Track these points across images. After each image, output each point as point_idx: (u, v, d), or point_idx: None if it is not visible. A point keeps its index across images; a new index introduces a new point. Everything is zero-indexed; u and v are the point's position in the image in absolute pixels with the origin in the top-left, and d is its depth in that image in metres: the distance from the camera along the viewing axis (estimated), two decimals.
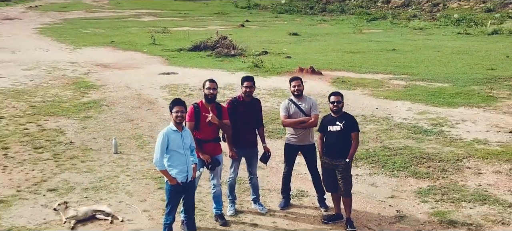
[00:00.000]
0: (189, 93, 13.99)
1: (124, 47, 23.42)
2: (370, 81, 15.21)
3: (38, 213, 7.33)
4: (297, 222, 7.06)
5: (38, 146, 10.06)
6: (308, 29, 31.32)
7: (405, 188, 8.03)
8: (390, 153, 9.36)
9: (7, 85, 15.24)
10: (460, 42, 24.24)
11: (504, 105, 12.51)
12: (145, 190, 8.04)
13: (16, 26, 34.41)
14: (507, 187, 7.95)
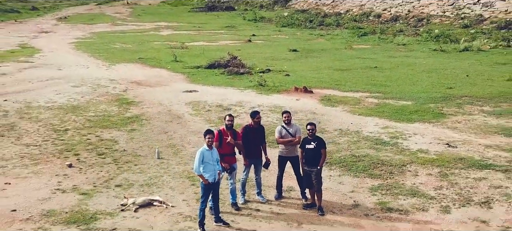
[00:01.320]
0: (208, 109, 16.84)
1: (151, 64, 26.05)
2: (350, 99, 17.94)
3: (111, 201, 10.23)
4: (286, 208, 9.96)
5: (100, 152, 12.96)
6: (306, 44, 33.63)
7: (362, 185, 10.89)
8: (356, 159, 12.20)
9: (64, 101, 18.10)
10: (433, 60, 26.66)
11: (449, 121, 15.27)
12: (182, 186, 10.93)
13: (53, 40, 37.14)
14: (433, 185, 10.79)
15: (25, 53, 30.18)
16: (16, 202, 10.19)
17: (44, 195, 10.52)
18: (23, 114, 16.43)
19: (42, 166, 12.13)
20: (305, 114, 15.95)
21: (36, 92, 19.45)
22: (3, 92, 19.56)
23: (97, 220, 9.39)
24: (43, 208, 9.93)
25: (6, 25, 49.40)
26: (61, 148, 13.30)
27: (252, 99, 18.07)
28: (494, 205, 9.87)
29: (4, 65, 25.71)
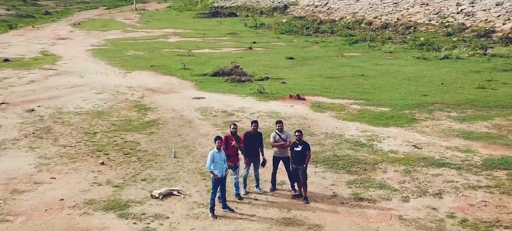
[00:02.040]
0: (214, 115, 18.91)
1: (162, 71, 28.05)
2: (337, 106, 20.00)
3: (139, 192, 12.32)
4: (279, 198, 12.05)
5: (126, 152, 15.07)
6: (302, 52, 35.49)
7: (341, 180, 12.98)
8: (337, 158, 14.29)
9: (90, 107, 20.20)
10: (414, 68, 28.58)
11: (419, 126, 17.36)
12: (195, 180, 13.01)
13: (71, 47, 39.09)
14: (397, 180, 12.88)
15: (48, 60, 32.16)
16: (63, 193, 12.30)
17: (84, 187, 12.63)
18: (56, 119, 18.53)
19: (79, 163, 14.25)
20: (297, 119, 18.05)
21: (64, 98, 21.54)
22: (36, 99, 21.67)
23: (129, 207, 11.50)
24: (85, 197, 12.04)
25: (25, 31, 51.34)
26: (93, 148, 15.42)
27: (252, 105, 20.15)
28: (445, 196, 11.96)
29: (31, 72, 27.78)
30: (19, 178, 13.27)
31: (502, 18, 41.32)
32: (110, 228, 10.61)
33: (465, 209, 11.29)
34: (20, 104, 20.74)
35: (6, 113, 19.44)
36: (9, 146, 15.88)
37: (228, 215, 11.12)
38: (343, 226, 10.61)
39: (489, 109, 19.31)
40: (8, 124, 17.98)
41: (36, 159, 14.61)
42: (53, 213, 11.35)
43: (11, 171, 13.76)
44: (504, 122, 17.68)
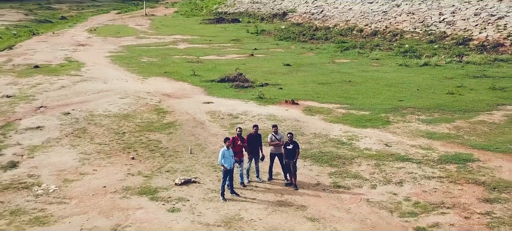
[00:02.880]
0: (222, 117, 21.54)
1: (175, 78, 30.51)
2: (325, 110, 22.63)
3: (165, 181, 14.98)
4: (274, 186, 14.71)
5: (151, 149, 17.74)
6: (298, 59, 37.89)
7: (324, 172, 15.64)
8: (322, 154, 16.96)
9: (117, 110, 22.85)
10: (396, 75, 31.07)
11: (392, 127, 19.99)
12: (208, 172, 15.66)
13: (91, 53, 41.51)
14: (368, 172, 15.52)
15: (73, 67, 34.72)
16: (104, 182, 14.98)
17: (121, 177, 15.32)
18: (90, 121, 21.21)
19: (113, 158, 16.94)
20: (291, 121, 20.71)
21: (93, 103, 24.20)
22: (69, 103, 24.33)
23: (158, 192, 14.18)
24: (122, 185, 14.72)
25: (46, 37, 53.82)
26: (123, 146, 18.11)
27: (254, 109, 22.79)
28: (404, 184, 14.62)
29: (60, 78, 30.42)
30: (67, 170, 15.96)
31: (479, 28, 43.76)
32: (145, 208, 13.29)
33: (419, 194, 13.96)
34: (56, 108, 23.40)
35: (46, 116, 22.12)
36: (53, 143, 18.58)
37: (235, 199, 13.78)
38: (323, 207, 13.28)
39: (453, 113, 21.93)
40: (50, 125, 20.66)
41: (78, 155, 17.30)
42: (99, 197, 14.04)
43: (60, 164, 16.46)
44: (464, 124, 20.32)
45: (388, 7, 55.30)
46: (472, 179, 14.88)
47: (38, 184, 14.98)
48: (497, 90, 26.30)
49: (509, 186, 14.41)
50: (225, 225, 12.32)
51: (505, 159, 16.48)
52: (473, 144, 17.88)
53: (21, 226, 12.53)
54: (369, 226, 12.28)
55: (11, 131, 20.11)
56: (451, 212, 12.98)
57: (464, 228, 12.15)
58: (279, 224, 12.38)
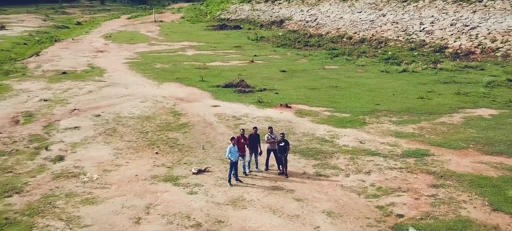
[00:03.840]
0: (227, 119, 24.63)
1: (186, 83, 33.48)
2: (313, 112, 25.72)
3: (183, 171, 18.07)
4: (270, 174, 17.81)
5: (171, 145, 20.80)
6: (292, 65, 40.79)
7: (309, 164, 18.71)
8: (309, 150, 20.02)
9: (139, 113, 25.90)
10: (377, 80, 34.12)
11: (367, 127, 23.05)
12: (217, 164, 18.73)
13: (110, 60, 44.38)
14: (344, 164, 18.58)
15: (96, 73, 37.75)
16: (136, 171, 18.07)
17: (148, 168, 18.41)
18: (118, 122, 24.28)
19: (141, 153, 20.02)
20: (284, 122, 23.79)
21: (119, 106, 27.26)
22: (97, 106, 27.39)
23: (179, 179, 17.28)
24: (150, 174, 17.81)
25: (67, 44, 56.75)
26: (148, 143, 21.19)
27: (254, 112, 25.86)
28: (371, 174, 17.71)
29: (86, 84, 33.48)
30: (105, 162, 19.06)
31: (454, 37, 46.72)
32: (169, 191, 16.39)
33: (382, 181, 17.06)
34: (87, 111, 26.48)
35: (80, 117, 25.20)
36: (90, 141, 21.67)
37: (239, 184, 16.87)
38: (307, 190, 16.38)
39: (420, 115, 25.00)
40: (85, 126, 23.76)
41: (112, 150, 20.40)
42: (133, 183, 17.14)
43: (98, 158, 19.56)
44: (427, 125, 23.41)
45: (375, 17, 58.21)
46: (425, 170, 17.99)
47: (83, 173, 18.08)
48: (461, 95, 29.33)
49: (453, 175, 17.51)
50: (232, 204, 15.42)
51: (455, 154, 19.57)
52: (431, 142, 20.98)
53: (76, 205, 15.62)
54: (340, 205, 15.38)
55: (53, 130, 23.19)
56: (405, 195, 16.08)
57: (412, 206, 15.25)
58: (273, 203, 15.48)
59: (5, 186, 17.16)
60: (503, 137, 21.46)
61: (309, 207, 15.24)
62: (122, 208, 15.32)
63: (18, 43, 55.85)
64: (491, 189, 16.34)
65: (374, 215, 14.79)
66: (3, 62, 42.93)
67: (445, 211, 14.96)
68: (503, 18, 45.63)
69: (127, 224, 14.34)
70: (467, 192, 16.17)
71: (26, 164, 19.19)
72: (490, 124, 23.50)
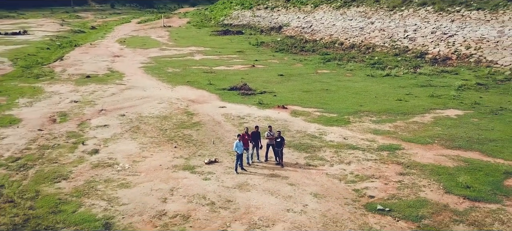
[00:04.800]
0: (233, 118, 27.57)
1: (196, 86, 36.47)
2: (306, 113, 28.68)
3: (198, 161, 21.04)
4: (269, 164, 20.77)
5: (186, 140, 23.77)
6: (289, 69, 43.77)
7: (301, 156, 21.67)
8: (301, 144, 22.98)
9: (157, 113, 28.84)
10: (362, 84, 37.08)
11: (350, 126, 25.98)
12: (226, 156, 21.67)
13: (127, 64, 47.28)
14: (330, 156, 21.55)
15: (116, 77, 40.66)
16: (160, 162, 21.03)
17: (169, 159, 21.38)
18: (140, 121, 27.24)
19: (162, 147, 22.98)
20: (281, 121, 26.74)
21: (139, 107, 30.19)
22: (121, 107, 30.31)
23: (195, 168, 20.25)
24: (172, 164, 20.78)
25: (86, 49, 59.61)
26: (167, 138, 24.15)
27: (255, 112, 28.80)
28: (351, 164, 20.66)
29: (109, 87, 36.40)
30: (133, 154, 22.02)
31: (434, 44, 49.61)
32: (188, 178, 19.36)
33: (359, 170, 20.03)
34: (113, 111, 29.42)
35: (108, 117, 28.14)
36: (119, 137, 24.61)
37: (244, 172, 19.84)
38: (298, 177, 19.34)
39: (396, 115, 27.95)
40: (113, 124, 26.71)
41: (138, 144, 23.36)
42: (158, 171, 20.11)
43: (127, 151, 22.51)
44: (401, 124, 26.36)
45: (364, 24, 61.05)
46: (395, 161, 20.96)
47: (116, 163, 21.05)
48: (434, 97, 32.26)
49: (417, 165, 20.48)
50: (238, 188, 18.40)
51: (421, 148, 22.54)
52: (403, 138, 23.94)
53: (113, 188, 18.59)
54: (325, 188, 18.36)
55: (86, 128, 26.16)
56: (377, 181, 19.06)
57: (382, 190, 18.24)
58: (271, 187, 18.46)
59: (53, 174, 20.11)
60: (463, 134, 24.44)
61: (300, 190, 18.22)
62: (151, 190, 18.29)
63: (41, 48, 58.73)
64: (446, 176, 19.32)
65: (351, 196, 17.77)
66: (32, 67, 45.85)
67: (408, 194, 17.93)
68: (478, 27, 48.47)
69: (156, 203, 17.33)
70: (427, 179, 19.15)
71: (67, 156, 22.13)
72: (454, 123, 26.46)
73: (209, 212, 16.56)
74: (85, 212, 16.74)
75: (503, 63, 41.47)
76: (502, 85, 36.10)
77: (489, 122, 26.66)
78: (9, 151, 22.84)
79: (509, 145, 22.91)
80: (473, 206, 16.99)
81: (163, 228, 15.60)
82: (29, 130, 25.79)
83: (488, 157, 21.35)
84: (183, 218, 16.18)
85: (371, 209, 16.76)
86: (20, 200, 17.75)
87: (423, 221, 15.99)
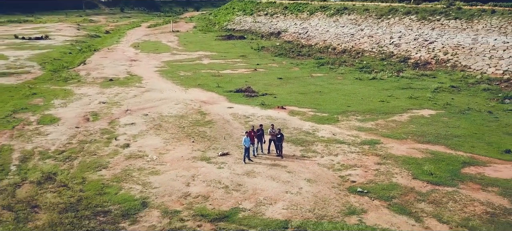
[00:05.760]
0: (239, 117, 30.77)
1: (206, 88, 39.62)
2: (302, 112, 31.87)
3: (213, 153, 24.24)
4: (271, 156, 23.97)
5: (202, 136, 27.00)
6: (287, 73, 46.86)
7: (297, 149, 24.86)
8: (297, 139, 26.19)
9: (175, 112, 32.03)
10: (351, 87, 40.26)
11: (339, 124, 29.17)
12: (235, 149, 24.89)
13: (143, 68, 50.27)
14: (321, 149, 24.74)
15: (135, 80, 43.77)
16: (181, 154, 24.27)
17: (189, 151, 24.62)
18: (161, 119, 30.45)
19: (182, 142, 26.22)
20: (280, 120, 29.94)
21: (159, 107, 33.40)
22: (143, 107, 33.49)
23: (210, 159, 23.49)
24: (191, 155, 24.02)
25: (105, 53, 62.58)
26: (185, 134, 27.38)
27: (258, 112, 32.00)
28: (338, 155, 23.91)
29: (131, 89, 39.57)
30: (159, 148, 25.24)
31: (416, 49, 52.78)
32: (205, 167, 22.61)
33: (345, 161, 23.28)
34: (137, 111, 32.62)
35: (133, 116, 31.35)
36: (145, 133, 27.83)
37: (250, 163, 23.07)
38: (295, 166, 22.59)
39: (378, 115, 31.17)
40: (139, 122, 29.92)
41: (162, 139, 26.58)
42: (181, 161, 23.36)
43: (153, 145, 25.73)
44: (382, 122, 29.59)
45: (355, 31, 64.17)
46: (374, 153, 24.22)
47: (145, 155, 24.29)
48: (413, 99, 35.47)
49: (392, 156, 23.73)
50: (246, 175, 21.66)
51: (397, 143, 25.79)
52: (382, 134, 27.19)
53: (146, 175, 21.82)
54: (316, 175, 21.62)
55: (116, 126, 29.37)
56: (358, 169, 22.32)
57: (362, 176, 21.51)
58: (273, 174, 21.72)
59: (95, 164, 23.34)
60: (433, 131, 27.70)
61: (296, 176, 21.48)
62: (176, 177, 21.55)
63: (64, 53, 61.70)
64: (415, 165, 22.60)
65: (337, 181, 21.04)
66: (60, 70, 48.99)
67: (383, 179, 21.20)
68: (455, 35, 51.66)
69: (181, 186, 20.59)
70: (399, 168, 22.42)
71: (104, 149, 25.36)
72: (427, 121, 29.70)
73: (224, 193, 19.83)
74: (125, 194, 19.98)
75: (475, 68, 44.68)
76: (473, 87, 39.30)
77: (457, 120, 29.90)
78: (54, 145, 26.05)
79: (470, 140, 26.19)
80: (434, 188, 20.25)
81: (189, 206, 18.86)
82: (68, 128, 28.98)
83: (451, 150, 24.62)
84: (203, 198, 19.44)
85: (352, 191, 20.02)
86: (72, 184, 21.00)
87: (393, 200, 19.26)
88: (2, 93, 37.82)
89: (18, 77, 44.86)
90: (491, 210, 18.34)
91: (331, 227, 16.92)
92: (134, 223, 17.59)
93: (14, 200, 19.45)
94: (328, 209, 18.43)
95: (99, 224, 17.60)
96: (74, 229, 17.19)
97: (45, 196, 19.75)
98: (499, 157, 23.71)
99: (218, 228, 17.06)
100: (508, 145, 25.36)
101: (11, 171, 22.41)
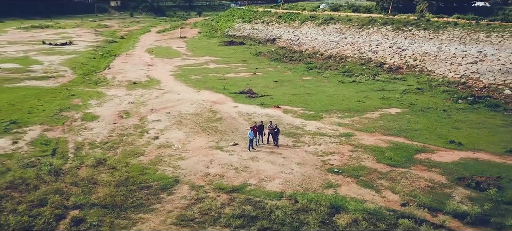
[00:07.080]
0: (243, 115, 35.43)
1: (214, 91, 43.96)
2: (293, 111, 36.55)
3: (225, 144, 28.90)
4: (269, 146, 28.70)
5: (215, 130, 31.66)
6: (281, 76, 51.23)
7: (290, 140, 29.56)
8: (289, 133, 30.88)
9: (191, 111, 36.64)
10: (334, 89, 44.84)
11: (323, 120, 33.89)
12: (242, 140, 29.54)
13: (159, 73, 54.24)
14: (308, 140, 29.49)
15: (154, 83, 48.16)
16: (200, 144, 28.96)
17: (206, 142, 29.32)
18: (181, 117, 35.08)
19: (199, 135, 30.89)
20: (276, 117, 34.60)
21: (178, 107, 38.00)
22: (164, 107, 38.07)
23: (223, 148, 28.24)
24: (208, 145, 28.70)
25: (124, 58, 66.70)
26: (202, 129, 32.05)
27: (258, 110, 36.68)
28: (321, 145, 28.69)
29: (152, 91, 44.09)
30: (182, 140, 29.92)
31: (390, 56, 57.40)
32: (219, 154, 27.32)
33: (326, 149, 28.05)
34: (160, 110, 37.25)
35: (158, 114, 35.96)
36: (169, 128, 32.44)
37: (253, 151, 27.73)
38: (288, 153, 27.33)
39: (354, 113, 35.93)
40: (163, 119, 34.55)
41: (183, 133, 31.26)
42: (201, 150, 28.05)
43: (178, 137, 30.38)
44: (357, 119, 34.35)
45: (339, 39, 68.69)
46: (349, 143, 29.01)
47: (172, 145, 28.98)
48: (384, 99, 40.19)
49: (363, 146, 28.51)
50: (251, 159, 26.38)
51: (367, 135, 30.57)
52: (357, 128, 31.97)
53: (175, 160, 26.50)
54: (304, 160, 26.39)
55: (146, 122, 34.00)
56: (336, 155, 27.10)
57: (339, 160, 26.31)
58: (271, 159, 26.46)
59: (133, 152, 28.00)
60: (397, 126, 32.51)
61: (289, 160, 26.25)
62: (198, 161, 26.27)
63: (89, 58, 65.82)
64: (379, 152, 27.41)
65: (320, 164, 25.83)
66: (89, 74, 53.40)
67: (354, 162, 26.01)
68: (423, 43, 56.36)
69: (203, 168, 25.32)
70: (367, 154, 27.23)
71: (138, 141, 30.00)
72: (393, 118, 34.50)
73: (235, 173, 24.59)
74: (161, 174, 24.71)
75: (439, 72, 49.47)
76: (435, 89, 44.08)
77: (417, 117, 34.72)
78: (99, 137, 30.68)
79: (424, 133, 31.03)
80: (391, 169, 25.07)
81: (209, 182, 23.62)
82: (107, 124, 33.59)
83: (408, 141, 29.46)
84: (220, 176, 24.19)
85: (331, 171, 24.83)
86: (119, 167, 25.68)
87: (361, 177, 24.07)
88: (46, 95, 42.29)
89: (55, 80, 49.24)
90: (431, 185, 23.20)
91: (313, 196, 21.73)
92: (171, 194, 22.32)
93: (78, 179, 24.12)
94: (312, 184, 23.24)
95: (145, 195, 22.32)
96: (127, 199, 21.89)
97: (101, 176, 24.43)
98: (445, 146, 28.55)
99: (232, 197, 21.83)
100: (454, 136, 30.21)
101: (70, 157, 27.04)
